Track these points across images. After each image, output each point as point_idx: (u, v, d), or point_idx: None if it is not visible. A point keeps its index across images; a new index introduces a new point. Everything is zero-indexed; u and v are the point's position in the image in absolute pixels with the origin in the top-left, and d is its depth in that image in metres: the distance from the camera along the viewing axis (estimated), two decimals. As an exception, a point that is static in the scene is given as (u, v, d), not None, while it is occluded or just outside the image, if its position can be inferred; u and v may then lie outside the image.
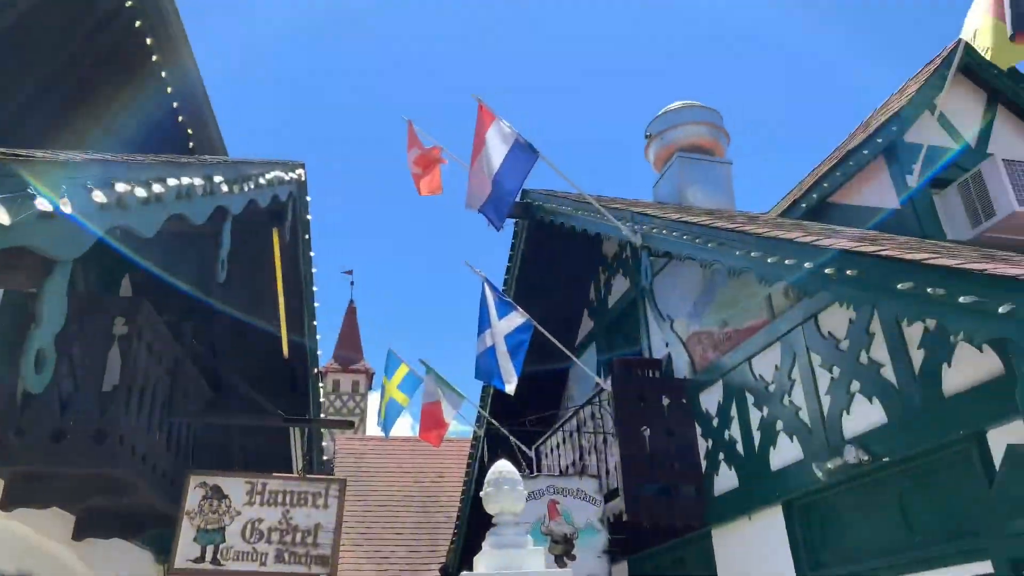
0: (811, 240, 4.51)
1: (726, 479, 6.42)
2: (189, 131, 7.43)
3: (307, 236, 8.34)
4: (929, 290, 3.58)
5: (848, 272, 4.13)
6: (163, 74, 6.71)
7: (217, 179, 4.89)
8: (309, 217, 8.26)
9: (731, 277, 6.17)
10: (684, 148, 9.05)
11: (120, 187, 3.55)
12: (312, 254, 8.63)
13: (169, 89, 6.87)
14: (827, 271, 4.28)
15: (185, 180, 4.39)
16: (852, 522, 5.16)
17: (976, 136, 6.43)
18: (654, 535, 7.16)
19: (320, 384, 9.95)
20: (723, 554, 6.38)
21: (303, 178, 7.80)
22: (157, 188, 3.96)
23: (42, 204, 3.02)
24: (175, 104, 7.06)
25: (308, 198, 8.15)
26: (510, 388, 7.20)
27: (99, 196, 3.35)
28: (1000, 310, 3.21)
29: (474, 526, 10.65)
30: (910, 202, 5.90)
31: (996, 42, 4.93)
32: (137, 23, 6.25)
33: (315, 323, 9.21)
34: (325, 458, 13.44)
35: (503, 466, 4.31)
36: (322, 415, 10.68)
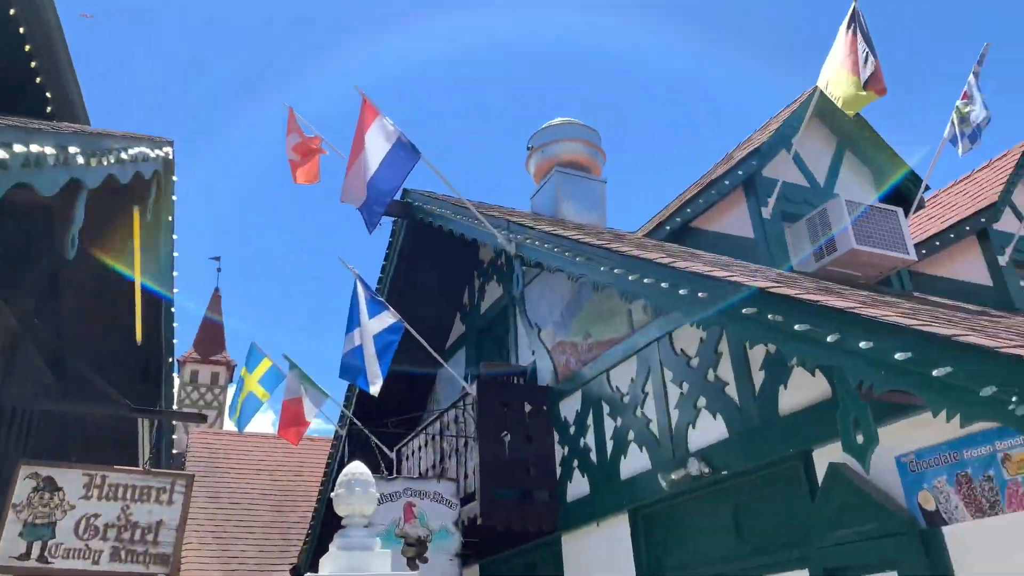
0: (669, 262, 4.74)
1: (579, 486, 6.62)
2: (48, 95, 6.94)
3: (170, 218, 7.95)
4: (770, 316, 3.83)
5: (700, 295, 4.36)
6: (21, 30, 6.24)
7: (72, 150, 4.60)
8: (174, 198, 7.90)
9: (596, 291, 6.38)
10: (563, 163, 9.28)
11: (-45, 150, 3.28)
12: (175, 237, 8.24)
13: (27, 47, 6.39)
14: (681, 292, 4.51)
15: (34, 148, 4.11)
16: (691, 531, 5.44)
17: (825, 176, 6.97)
18: (507, 539, 7.27)
19: (176, 374, 9.50)
20: (571, 559, 6.58)
21: (171, 156, 7.44)
22: (1, 154, 3.69)
23: None
24: (33, 64, 6.57)
25: (175, 178, 7.79)
26: (375, 389, 7.14)
27: (-71, 157, 3.09)
28: (829, 339, 3.47)
29: (329, 527, 10.44)
30: (764, 233, 6.31)
31: (846, 92, 5.45)
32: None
33: (174, 309, 8.80)
34: (175, 452, 12.83)
35: (356, 467, 4.27)
36: (175, 407, 10.19)
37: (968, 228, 7.51)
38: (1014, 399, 2.66)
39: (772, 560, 4.66)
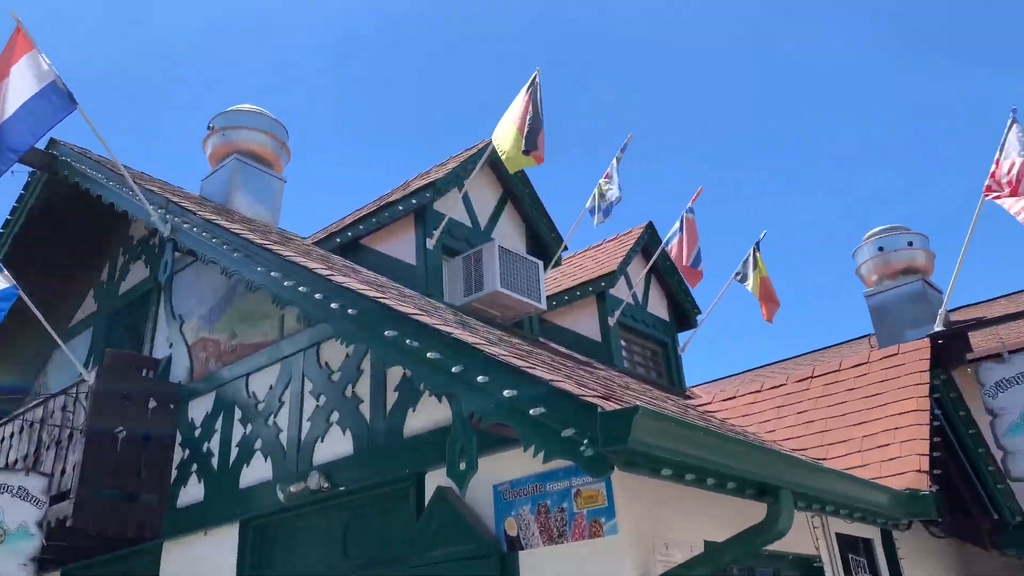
0: (328, 274, 4.74)
1: (193, 492, 6.24)
2: None
3: None
4: (408, 341, 3.99)
5: (350, 311, 4.41)
6: None
7: None
8: None
9: (250, 291, 6.15)
10: (243, 152, 8.84)
11: None
12: None
13: None
14: (333, 305, 4.52)
15: None
16: (301, 545, 5.40)
17: (487, 221, 7.54)
18: (102, 545, 6.58)
19: None
20: (169, 569, 6.14)
21: None
22: None
23: None
24: None
25: None
26: (-37, 360, 6.10)
27: None
28: (454, 369, 3.71)
29: None
30: (425, 262, 6.61)
31: (511, 151, 5.99)
32: None
33: None
34: None
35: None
36: None
37: (591, 289, 8.65)
38: (585, 441, 3.06)
39: (371, 576, 4.80)
